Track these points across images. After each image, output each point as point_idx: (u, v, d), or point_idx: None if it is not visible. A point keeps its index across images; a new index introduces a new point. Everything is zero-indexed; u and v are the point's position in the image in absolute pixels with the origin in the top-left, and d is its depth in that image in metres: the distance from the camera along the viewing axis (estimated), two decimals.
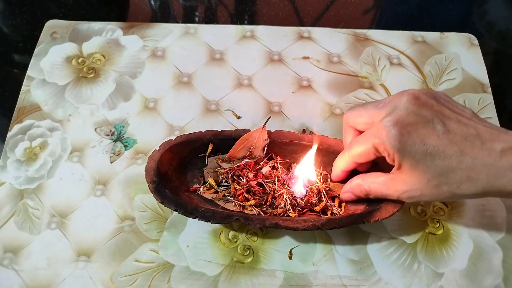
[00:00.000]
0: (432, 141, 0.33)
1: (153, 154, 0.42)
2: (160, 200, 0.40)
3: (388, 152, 0.34)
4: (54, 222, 0.44)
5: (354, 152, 0.37)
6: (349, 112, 0.40)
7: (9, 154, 0.47)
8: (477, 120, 0.35)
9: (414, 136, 0.33)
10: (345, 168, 0.40)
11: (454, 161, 0.33)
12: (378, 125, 0.35)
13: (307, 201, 0.41)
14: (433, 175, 0.34)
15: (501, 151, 0.32)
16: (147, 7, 0.64)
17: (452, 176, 0.33)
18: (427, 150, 0.33)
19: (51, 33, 0.56)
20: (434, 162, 0.33)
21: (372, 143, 0.35)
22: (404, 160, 0.34)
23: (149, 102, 0.51)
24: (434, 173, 0.33)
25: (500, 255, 0.42)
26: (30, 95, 0.51)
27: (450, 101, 0.36)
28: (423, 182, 0.34)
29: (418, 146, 0.33)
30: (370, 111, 0.37)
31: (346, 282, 0.41)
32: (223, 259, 0.42)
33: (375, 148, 0.35)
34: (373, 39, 0.57)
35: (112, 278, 0.41)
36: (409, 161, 0.34)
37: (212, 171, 0.44)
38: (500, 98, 0.52)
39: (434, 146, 0.33)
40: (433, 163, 0.33)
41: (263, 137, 0.43)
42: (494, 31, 0.61)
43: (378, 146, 0.35)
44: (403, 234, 0.43)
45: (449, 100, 0.36)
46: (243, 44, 0.56)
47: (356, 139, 0.38)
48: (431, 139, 0.33)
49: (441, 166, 0.33)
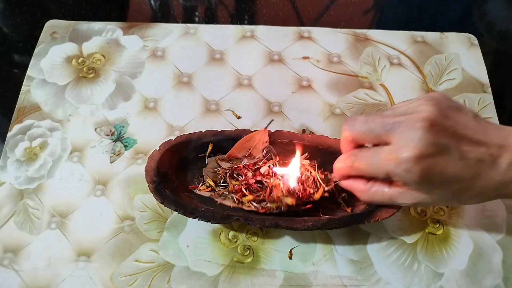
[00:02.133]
0: (450, 169, 0.33)
1: (153, 154, 0.42)
2: (160, 200, 0.40)
3: (405, 183, 0.34)
4: (54, 222, 0.44)
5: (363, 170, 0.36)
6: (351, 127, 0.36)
7: (9, 154, 0.47)
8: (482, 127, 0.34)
9: (433, 169, 0.32)
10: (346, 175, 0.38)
11: (469, 183, 0.33)
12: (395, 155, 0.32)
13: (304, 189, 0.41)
14: (446, 195, 0.34)
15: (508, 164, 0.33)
16: (147, 7, 0.64)
17: (464, 194, 0.34)
18: (444, 179, 0.33)
19: (51, 33, 0.56)
20: (450, 187, 0.34)
21: (386, 171, 0.33)
22: (421, 188, 0.34)
23: (149, 102, 0.51)
24: (447, 195, 0.34)
25: (500, 255, 0.42)
26: (30, 95, 0.51)
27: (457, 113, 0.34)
28: (435, 199, 0.35)
29: (437, 177, 0.33)
30: (378, 132, 0.34)
31: (346, 282, 0.41)
32: (223, 259, 0.42)
33: (388, 175, 0.34)
34: (373, 39, 0.57)
35: (112, 278, 0.41)
36: (425, 189, 0.34)
37: (211, 171, 0.44)
38: (500, 98, 0.52)
39: (451, 174, 0.33)
40: (449, 188, 0.34)
41: (264, 139, 0.43)
42: (494, 31, 0.61)
43: (393, 176, 0.33)
44: (403, 234, 0.43)
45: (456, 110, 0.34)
46: (243, 44, 0.56)
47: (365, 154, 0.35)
48: (449, 168, 0.32)
49: (456, 188, 0.34)
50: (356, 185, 0.38)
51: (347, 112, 0.51)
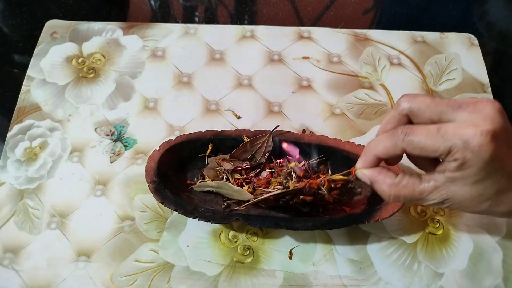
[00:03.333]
0: (509, 162, 0.31)
1: (153, 154, 0.42)
2: (160, 200, 0.40)
3: (467, 163, 0.30)
4: (54, 222, 0.44)
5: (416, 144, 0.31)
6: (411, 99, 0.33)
7: (9, 154, 0.47)
8: None
9: (500, 154, 0.30)
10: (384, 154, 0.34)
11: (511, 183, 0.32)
12: (467, 128, 0.30)
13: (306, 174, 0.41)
14: (489, 192, 0.32)
15: None
16: (147, 7, 0.64)
17: (502, 196, 0.32)
18: (503, 168, 0.31)
19: (51, 33, 0.56)
20: (501, 181, 0.32)
21: (451, 145, 0.30)
22: (477, 174, 0.31)
23: (149, 102, 0.51)
24: (492, 191, 0.32)
25: (500, 255, 0.42)
26: (30, 95, 0.51)
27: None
28: (474, 196, 0.32)
29: (498, 164, 0.31)
30: (443, 106, 0.32)
31: (346, 282, 0.41)
32: (223, 259, 0.42)
33: (448, 151, 0.30)
34: (373, 39, 0.57)
35: (112, 278, 0.41)
36: (480, 177, 0.31)
37: (212, 171, 0.44)
38: (500, 98, 0.52)
39: (509, 167, 0.31)
40: (499, 182, 0.32)
41: (268, 143, 0.43)
42: (494, 31, 0.61)
43: (459, 152, 0.30)
44: (403, 234, 0.43)
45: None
46: (243, 44, 0.56)
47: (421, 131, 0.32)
48: (510, 160, 0.31)
49: (502, 186, 0.32)
50: (384, 176, 0.34)
51: (347, 112, 0.51)
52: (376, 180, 0.35)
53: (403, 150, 0.33)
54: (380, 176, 0.34)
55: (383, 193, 0.34)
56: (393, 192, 0.34)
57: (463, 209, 0.34)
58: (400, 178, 0.34)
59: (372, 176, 0.35)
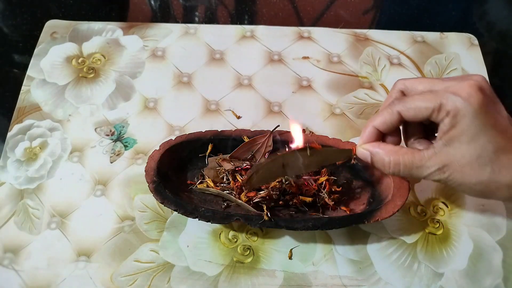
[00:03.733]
0: (500, 119, 0.33)
1: (153, 154, 0.42)
2: (160, 200, 0.40)
3: (458, 113, 0.32)
4: (54, 222, 0.44)
5: (410, 104, 0.34)
6: (405, 79, 0.37)
7: (9, 154, 0.47)
8: None
9: (490, 108, 0.32)
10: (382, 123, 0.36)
11: (510, 144, 0.33)
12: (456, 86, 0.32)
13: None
14: (488, 151, 0.33)
15: None
16: (147, 7, 0.64)
17: (502, 157, 0.33)
18: (496, 124, 0.32)
19: (51, 33, 0.56)
20: (496, 138, 0.32)
21: (442, 100, 0.32)
22: (471, 126, 0.32)
23: (149, 102, 0.51)
24: (490, 149, 0.33)
25: (500, 255, 0.42)
26: (30, 95, 0.51)
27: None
28: (473, 156, 0.33)
29: (490, 118, 0.32)
30: (433, 80, 0.35)
31: (346, 282, 0.41)
32: (223, 259, 0.42)
33: (440, 106, 0.32)
34: (373, 39, 0.57)
35: (112, 278, 0.41)
36: (474, 129, 0.32)
37: (212, 171, 0.44)
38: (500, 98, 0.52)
39: (501, 124, 0.33)
40: (495, 139, 0.32)
41: (268, 143, 0.43)
42: (494, 31, 0.61)
43: (450, 103, 0.32)
44: (403, 234, 0.43)
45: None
46: (243, 44, 0.56)
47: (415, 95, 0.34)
48: (500, 117, 0.33)
49: (500, 145, 0.33)
50: (383, 146, 0.36)
51: (347, 112, 0.51)
52: (375, 151, 0.36)
53: (399, 115, 0.34)
54: (379, 147, 0.36)
55: (383, 162, 0.35)
56: (393, 158, 0.35)
57: (464, 178, 0.33)
58: (399, 147, 0.36)
59: (372, 149, 0.36)
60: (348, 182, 0.44)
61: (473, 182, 0.34)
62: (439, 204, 0.45)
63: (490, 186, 0.34)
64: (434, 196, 0.46)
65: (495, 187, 0.34)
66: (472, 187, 0.34)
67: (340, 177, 0.44)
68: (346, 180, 0.44)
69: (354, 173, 0.44)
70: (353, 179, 0.44)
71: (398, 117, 0.35)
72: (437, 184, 0.46)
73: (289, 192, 0.40)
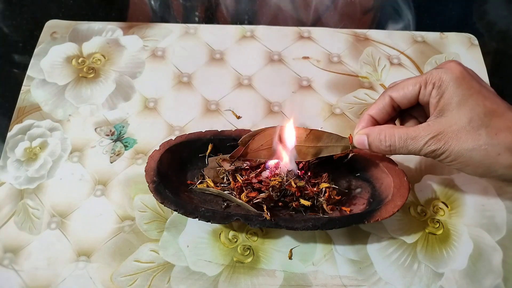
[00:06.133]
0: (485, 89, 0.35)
1: (153, 154, 0.42)
2: (160, 200, 0.40)
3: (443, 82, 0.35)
4: (54, 222, 0.44)
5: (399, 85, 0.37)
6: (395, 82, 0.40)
7: (9, 154, 0.47)
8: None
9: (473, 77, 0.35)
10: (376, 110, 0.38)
11: (501, 110, 0.34)
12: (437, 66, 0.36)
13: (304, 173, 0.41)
14: (478, 113, 0.33)
15: None
16: (147, 7, 0.64)
17: (495, 120, 0.34)
18: (481, 91, 0.34)
19: (51, 33, 0.56)
20: (485, 102, 0.34)
21: (426, 76, 0.35)
22: (457, 92, 0.34)
23: (149, 102, 0.51)
24: (480, 111, 0.34)
25: (500, 255, 0.42)
26: (30, 95, 0.51)
27: None
28: (464, 121, 0.34)
29: (475, 84, 0.34)
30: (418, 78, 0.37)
31: (346, 282, 0.41)
32: (223, 259, 0.42)
33: (425, 81, 0.35)
34: (373, 39, 0.57)
35: (112, 278, 0.41)
36: (460, 94, 0.34)
37: (212, 171, 0.44)
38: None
39: (488, 91, 0.35)
40: (483, 102, 0.34)
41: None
42: (494, 31, 0.61)
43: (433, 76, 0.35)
44: (403, 234, 0.43)
45: None
46: (243, 44, 0.56)
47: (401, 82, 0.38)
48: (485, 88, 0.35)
49: (490, 108, 0.34)
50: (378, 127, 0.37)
51: (347, 112, 0.51)
52: (370, 131, 0.37)
53: (391, 99, 0.37)
54: (375, 128, 0.37)
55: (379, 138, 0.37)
56: (388, 131, 0.36)
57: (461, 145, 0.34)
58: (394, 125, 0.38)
59: (367, 130, 0.38)
60: (348, 182, 0.44)
61: (470, 148, 0.33)
62: (439, 204, 0.45)
63: (489, 152, 0.33)
64: (434, 196, 0.46)
65: (495, 152, 0.33)
66: (470, 155, 0.33)
67: (340, 177, 0.44)
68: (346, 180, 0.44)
69: (354, 173, 0.44)
70: (353, 179, 0.44)
71: (390, 101, 0.37)
72: (437, 184, 0.46)
73: (289, 194, 0.40)
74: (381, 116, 0.38)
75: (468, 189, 0.46)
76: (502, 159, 0.33)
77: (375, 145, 0.37)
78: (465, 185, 0.46)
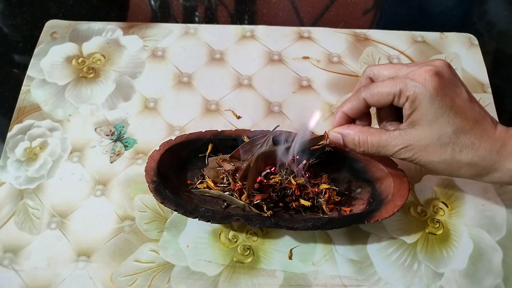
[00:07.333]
0: (459, 101, 0.35)
1: (153, 154, 0.42)
2: (160, 200, 0.40)
3: (416, 98, 0.34)
4: (54, 222, 0.44)
5: (374, 91, 0.36)
6: (373, 65, 0.40)
7: (9, 154, 0.47)
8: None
9: (447, 91, 0.35)
10: (350, 109, 0.39)
11: (469, 125, 0.35)
12: (414, 72, 0.35)
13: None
14: (447, 132, 0.35)
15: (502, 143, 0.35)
16: (147, 7, 0.64)
17: (462, 138, 0.35)
18: (454, 106, 0.35)
19: (51, 33, 0.56)
20: (455, 120, 0.35)
21: (401, 86, 0.35)
22: (429, 110, 0.34)
23: (149, 102, 0.51)
24: (449, 130, 0.35)
25: (500, 255, 0.42)
26: (30, 95, 0.51)
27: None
28: (434, 137, 0.35)
29: (448, 100, 0.34)
30: (398, 66, 0.38)
31: (346, 282, 0.41)
32: (223, 259, 0.42)
33: (400, 92, 0.35)
34: (373, 39, 0.57)
35: (112, 278, 0.41)
36: (433, 112, 0.34)
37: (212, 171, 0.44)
38: (500, 98, 0.52)
39: (459, 106, 0.35)
40: (453, 120, 0.35)
41: (268, 143, 0.43)
42: (494, 31, 0.61)
43: (408, 89, 0.35)
44: (403, 234, 0.43)
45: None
46: (243, 44, 0.56)
47: (379, 82, 0.37)
48: (459, 99, 0.35)
49: (458, 126, 0.35)
50: (353, 128, 0.38)
51: None
52: (345, 133, 0.39)
53: (365, 101, 0.37)
54: (348, 129, 0.38)
55: (353, 142, 0.38)
56: (361, 137, 0.38)
57: (428, 157, 0.36)
58: (367, 127, 0.38)
59: (342, 131, 0.39)
60: (348, 182, 0.44)
61: (436, 161, 0.36)
62: (439, 204, 0.45)
63: (453, 165, 0.36)
64: (434, 196, 0.46)
65: (458, 166, 0.36)
66: (436, 165, 0.37)
67: (340, 177, 0.44)
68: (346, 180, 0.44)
69: (354, 173, 0.44)
70: (353, 179, 0.44)
71: (364, 103, 0.38)
72: (437, 184, 0.46)
73: (289, 194, 0.40)
74: (354, 113, 0.39)
75: (468, 189, 0.46)
76: (463, 171, 0.37)
77: (350, 146, 0.39)
78: (465, 185, 0.46)
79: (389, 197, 0.40)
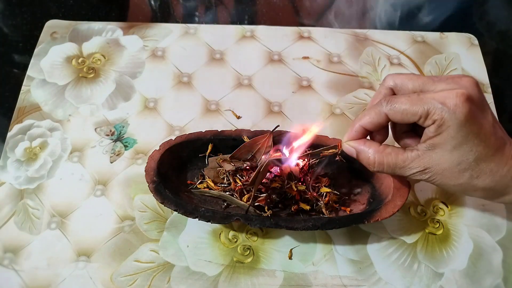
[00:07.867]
0: (485, 127, 0.33)
1: (153, 154, 0.42)
2: (160, 200, 0.40)
3: (444, 124, 0.32)
4: (54, 222, 0.44)
5: (398, 108, 0.34)
6: (395, 74, 0.37)
7: (9, 154, 0.47)
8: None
9: (476, 118, 0.33)
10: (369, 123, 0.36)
11: (491, 153, 0.34)
12: (444, 94, 0.33)
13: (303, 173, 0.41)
14: (468, 159, 0.34)
15: None
16: (147, 7, 0.64)
17: (481, 165, 0.34)
18: (479, 133, 0.33)
19: (51, 33, 0.56)
20: (478, 148, 0.33)
21: (429, 108, 0.33)
22: (455, 137, 0.33)
23: (149, 102, 0.51)
24: (470, 158, 0.33)
25: (500, 255, 0.42)
26: (30, 95, 0.51)
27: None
28: (454, 163, 0.34)
29: (475, 127, 0.33)
30: (423, 79, 0.35)
31: (346, 282, 0.41)
32: (223, 259, 0.42)
33: (427, 114, 0.33)
34: (373, 39, 0.57)
35: (112, 278, 0.41)
36: (458, 139, 0.33)
37: (212, 171, 0.44)
38: (500, 98, 0.52)
39: (485, 133, 0.33)
40: (476, 148, 0.33)
41: (268, 144, 0.43)
42: (494, 31, 0.61)
43: (436, 113, 0.32)
44: (403, 234, 0.43)
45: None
46: (243, 44, 0.56)
47: (402, 98, 0.34)
48: (485, 125, 0.34)
49: (480, 154, 0.33)
50: (368, 145, 0.36)
51: (347, 112, 0.51)
52: (361, 149, 0.37)
53: (386, 117, 0.35)
54: (365, 145, 0.37)
55: (368, 161, 0.36)
56: (377, 158, 0.36)
57: (444, 180, 0.35)
58: (384, 146, 0.36)
59: (357, 146, 0.37)
60: (348, 182, 0.44)
61: (451, 184, 0.35)
62: (439, 204, 0.45)
63: (467, 188, 0.35)
64: (434, 196, 0.46)
65: (472, 189, 0.35)
66: (451, 187, 0.36)
67: (340, 177, 0.44)
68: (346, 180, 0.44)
69: (354, 173, 0.44)
70: (353, 179, 0.44)
71: (385, 119, 0.35)
72: None
73: (289, 197, 0.40)
74: (373, 128, 0.37)
75: None
76: (476, 193, 0.36)
77: (364, 163, 0.37)
78: None
79: (389, 197, 0.40)
